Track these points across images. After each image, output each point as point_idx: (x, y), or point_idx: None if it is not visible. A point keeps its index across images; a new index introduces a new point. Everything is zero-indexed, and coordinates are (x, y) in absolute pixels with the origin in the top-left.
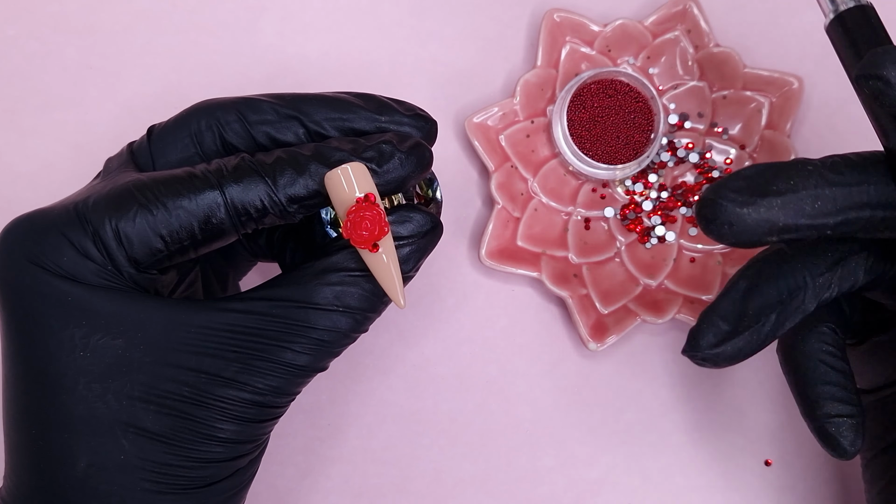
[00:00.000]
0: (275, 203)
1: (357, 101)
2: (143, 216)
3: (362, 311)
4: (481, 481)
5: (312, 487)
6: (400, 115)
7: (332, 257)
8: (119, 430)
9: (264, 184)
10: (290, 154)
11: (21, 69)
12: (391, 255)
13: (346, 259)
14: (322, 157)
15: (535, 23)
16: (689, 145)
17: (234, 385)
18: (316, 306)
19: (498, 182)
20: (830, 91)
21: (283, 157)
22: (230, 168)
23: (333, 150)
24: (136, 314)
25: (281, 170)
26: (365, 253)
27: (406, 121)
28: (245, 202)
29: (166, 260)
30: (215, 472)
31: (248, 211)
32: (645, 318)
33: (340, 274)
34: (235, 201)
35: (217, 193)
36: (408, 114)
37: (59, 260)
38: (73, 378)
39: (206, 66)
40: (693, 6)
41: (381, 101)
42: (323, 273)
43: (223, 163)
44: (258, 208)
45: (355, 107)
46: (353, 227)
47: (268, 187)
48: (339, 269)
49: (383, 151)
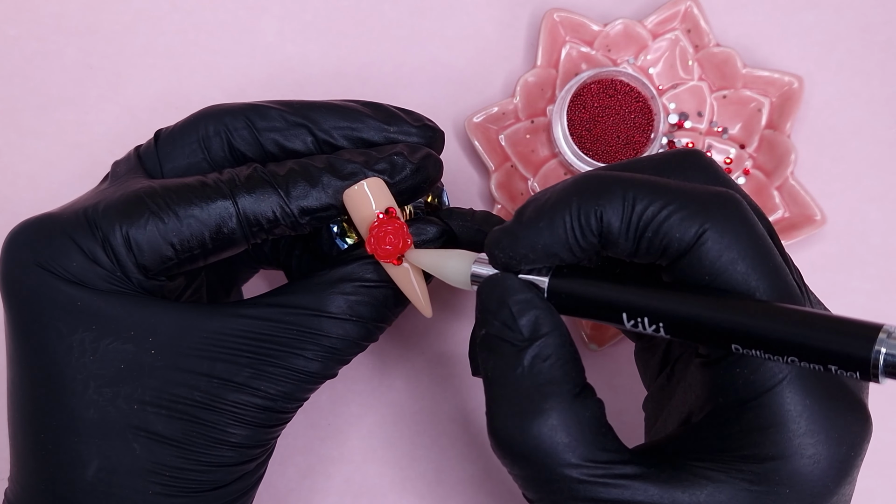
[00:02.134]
0: (287, 215)
1: (365, 111)
2: (154, 224)
3: (374, 322)
4: (481, 481)
5: (313, 487)
6: (408, 125)
7: (346, 267)
8: (130, 433)
9: (277, 195)
10: (302, 166)
11: (21, 69)
12: (415, 267)
13: (360, 269)
14: (335, 169)
15: (535, 23)
16: (689, 145)
17: (246, 390)
18: (329, 315)
19: (498, 182)
20: (830, 91)
21: (296, 168)
22: (242, 178)
23: (346, 163)
24: (147, 318)
25: (294, 181)
26: (389, 266)
27: (414, 131)
28: (257, 213)
29: (175, 268)
30: (224, 476)
31: (260, 222)
32: None
33: (354, 284)
34: (247, 212)
35: (229, 203)
36: (416, 124)
37: (67, 264)
38: (83, 382)
39: (207, 66)
40: (693, 6)
41: (390, 111)
42: (337, 282)
43: (235, 173)
44: (270, 219)
45: (364, 116)
46: (378, 242)
47: (280, 199)
48: (353, 280)
49: (395, 163)
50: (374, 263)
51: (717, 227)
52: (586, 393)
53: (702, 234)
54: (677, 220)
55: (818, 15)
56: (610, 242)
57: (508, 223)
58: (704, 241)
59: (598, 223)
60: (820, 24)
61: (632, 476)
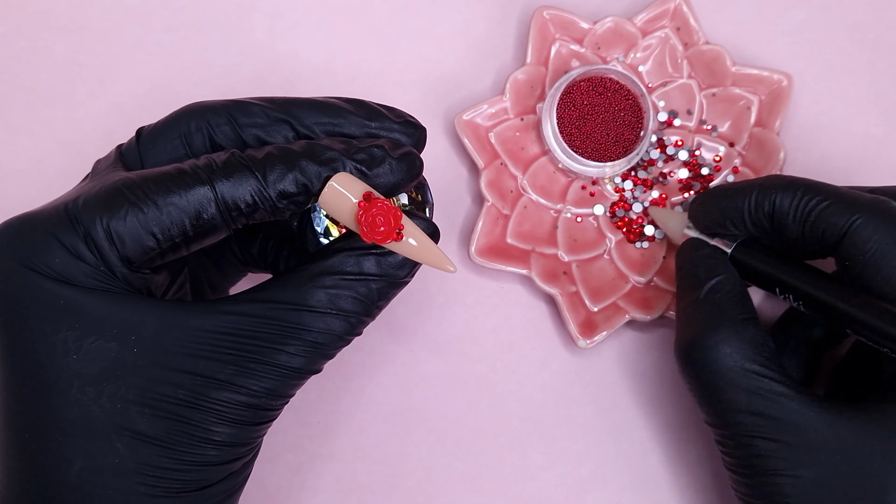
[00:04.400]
0: (265, 198)
1: (348, 107)
2: (133, 214)
3: (356, 315)
4: (471, 479)
5: (302, 485)
6: (390, 121)
7: (326, 261)
8: (114, 433)
9: (254, 179)
10: (280, 150)
11: (10, 66)
12: (417, 234)
13: (340, 263)
14: (313, 154)
15: (524, 20)
16: (678, 143)
17: (229, 387)
18: (310, 309)
19: (487, 179)
20: (819, 89)
21: (274, 152)
22: (220, 163)
23: (325, 149)
24: (130, 316)
25: (271, 165)
26: (393, 244)
27: (396, 127)
28: (235, 197)
29: (159, 258)
30: (209, 476)
31: (239, 206)
32: (634, 315)
33: (335, 277)
34: (226, 197)
35: (207, 189)
36: (398, 120)
37: (50, 262)
38: (67, 382)
39: (196, 63)
40: (682, 4)
41: (372, 108)
42: (318, 276)
43: (213, 158)
44: (248, 203)
45: (346, 112)
46: (370, 228)
47: (258, 182)
48: (334, 273)
49: (374, 155)
50: (354, 257)
51: (866, 217)
52: (753, 322)
53: (854, 222)
54: (834, 209)
55: (807, 13)
56: (781, 224)
57: (704, 196)
58: (855, 228)
59: (770, 205)
60: (809, 23)
61: (786, 395)
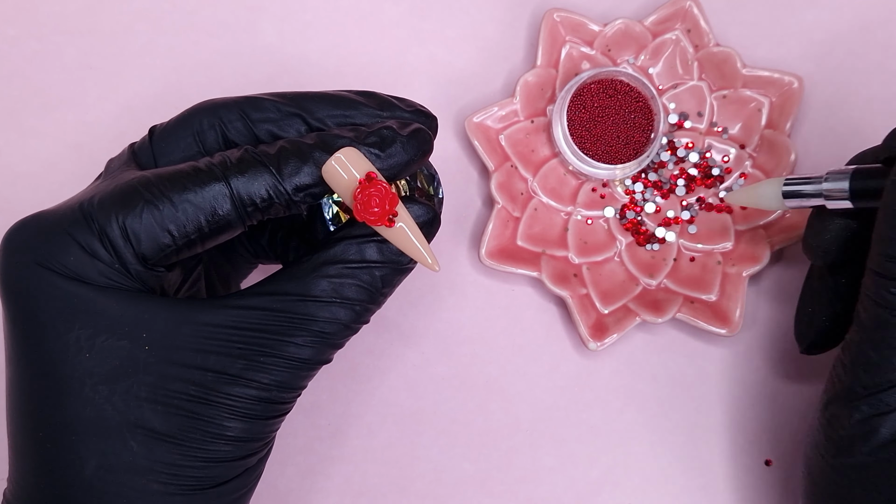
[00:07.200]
0: (280, 193)
1: (359, 99)
2: (149, 212)
3: (361, 303)
4: (481, 481)
5: (312, 487)
6: (401, 111)
7: (329, 250)
8: (127, 431)
9: (269, 174)
10: (293, 143)
11: (21, 69)
12: (410, 223)
13: (343, 251)
14: (325, 144)
15: (535, 23)
16: (688, 145)
17: (241, 382)
18: (315, 299)
19: (498, 182)
20: (830, 91)
21: (287, 146)
22: (234, 160)
23: (336, 138)
24: (140, 314)
25: (285, 159)
26: (383, 229)
27: (407, 116)
28: (251, 193)
29: (174, 255)
30: (224, 472)
31: (255, 202)
32: (645, 317)
33: (338, 266)
34: (241, 193)
35: (222, 185)
36: (409, 109)
37: (65, 260)
38: (80, 380)
39: (207, 66)
40: (693, 6)
41: (383, 98)
42: (321, 266)
43: (227, 155)
44: (264, 198)
45: (357, 104)
46: (364, 207)
47: (273, 177)
48: (337, 262)
49: (384, 136)
50: (356, 244)
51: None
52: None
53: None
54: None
55: (818, 14)
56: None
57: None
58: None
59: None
60: (819, 24)
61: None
